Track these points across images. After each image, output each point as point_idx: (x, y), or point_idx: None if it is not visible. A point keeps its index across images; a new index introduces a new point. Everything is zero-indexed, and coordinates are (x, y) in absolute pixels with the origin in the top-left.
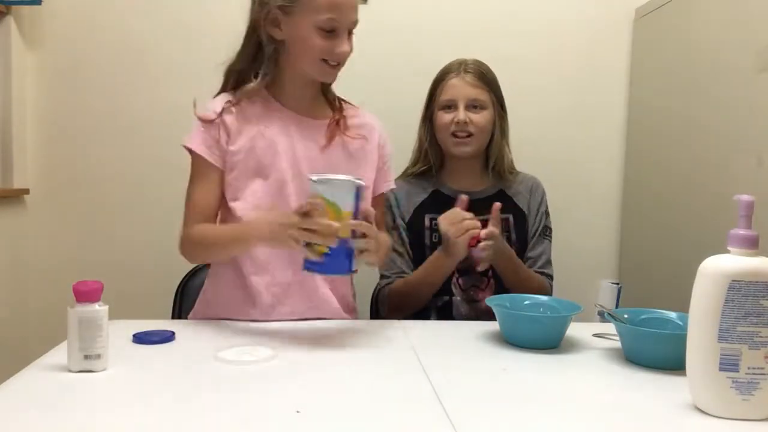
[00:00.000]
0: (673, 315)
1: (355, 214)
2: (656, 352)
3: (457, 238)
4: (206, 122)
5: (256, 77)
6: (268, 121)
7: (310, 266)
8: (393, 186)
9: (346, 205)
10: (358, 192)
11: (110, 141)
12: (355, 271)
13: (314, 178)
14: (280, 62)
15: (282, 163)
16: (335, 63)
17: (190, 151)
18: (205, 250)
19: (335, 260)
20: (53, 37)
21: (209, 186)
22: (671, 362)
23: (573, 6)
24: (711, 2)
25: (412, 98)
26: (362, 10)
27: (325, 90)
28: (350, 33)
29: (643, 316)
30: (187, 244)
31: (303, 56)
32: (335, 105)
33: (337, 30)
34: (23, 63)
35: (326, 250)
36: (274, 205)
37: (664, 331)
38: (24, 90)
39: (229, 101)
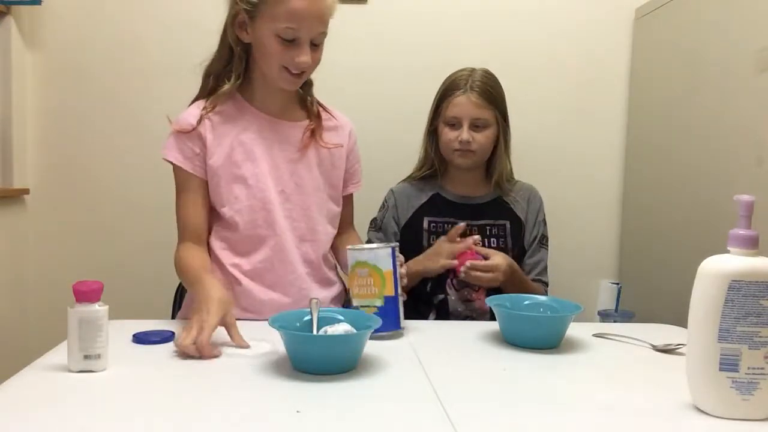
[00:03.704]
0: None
1: (395, 273)
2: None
3: (444, 257)
4: (183, 133)
5: (230, 79)
6: (242, 124)
7: None
8: (359, 188)
9: (387, 266)
10: (394, 253)
11: (110, 141)
12: (403, 328)
13: (354, 247)
14: (250, 65)
15: (261, 168)
16: (296, 72)
17: (171, 163)
18: (179, 275)
19: (385, 318)
20: (53, 37)
21: (195, 198)
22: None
23: (573, 6)
24: (711, 2)
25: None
26: (366, 12)
27: (303, 93)
28: (317, 44)
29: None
30: (175, 261)
31: (264, 62)
32: (312, 110)
33: (298, 40)
34: (23, 63)
35: (375, 310)
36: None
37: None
38: (24, 90)
39: (204, 108)
